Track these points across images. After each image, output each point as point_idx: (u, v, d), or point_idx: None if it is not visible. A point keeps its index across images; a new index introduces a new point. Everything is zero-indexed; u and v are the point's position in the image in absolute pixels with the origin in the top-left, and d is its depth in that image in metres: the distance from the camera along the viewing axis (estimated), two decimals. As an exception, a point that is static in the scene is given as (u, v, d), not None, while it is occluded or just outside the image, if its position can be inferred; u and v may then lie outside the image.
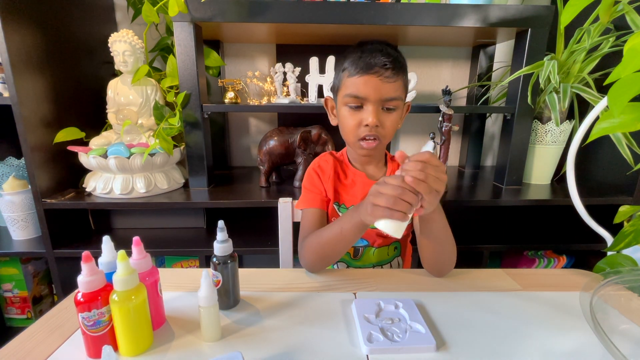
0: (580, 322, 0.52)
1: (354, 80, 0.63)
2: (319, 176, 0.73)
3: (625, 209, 0.79)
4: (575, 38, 1.02)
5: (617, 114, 0.52)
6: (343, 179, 0.74)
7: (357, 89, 0.63)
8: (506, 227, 1.19)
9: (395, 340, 0.46)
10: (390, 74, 0.62)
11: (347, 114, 0.66)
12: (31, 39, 0.92)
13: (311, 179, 0.74)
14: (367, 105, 0.64)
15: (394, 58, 0.63)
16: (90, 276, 0.41)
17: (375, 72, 0.62)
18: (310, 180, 0.74)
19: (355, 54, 0.64)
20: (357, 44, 0.67)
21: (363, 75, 0.62)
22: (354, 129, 0.66)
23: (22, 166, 1.11)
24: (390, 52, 0.64)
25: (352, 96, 0.64)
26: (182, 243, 1.06)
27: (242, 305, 0.55)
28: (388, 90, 0.63)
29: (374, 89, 0.62)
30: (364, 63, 0.62)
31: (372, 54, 0.62)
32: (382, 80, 0.62)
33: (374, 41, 0.66)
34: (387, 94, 0.63)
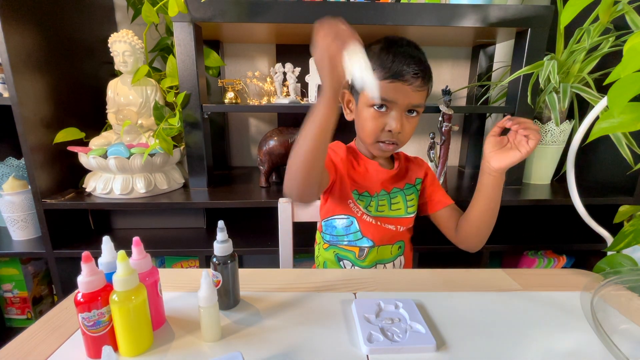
0: (580, 322, 0.52)
1: (383, 84, 0.63)
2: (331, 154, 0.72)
3: (625, 208, 0.79)
4: (575, 38, 1.02)
5: (617, 114, 0.53)
6: (357, 167, 0.75)
7: (386, 93, 0.63)
8: (506, 227, 1.19)
9: (395, 340, 0.46)
10: (421, 83, 0.63)
11: (369, 116, 0.66)
12: (31, 39, 0.92)
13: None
14: (393, 110, 0.64)
15: (425, 67, 0.64)
16: (90, 276, 0.41)
17: (406, 80, 0.62)
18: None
19: (385, 56, 0.63)
20: (386, 43, 0.66)
21: (394, 82, 0.62)
22: (374, 132, 0.66)
23: (22, 166, 1.11)
24: (422, 59, 0.64)
25: (381, 99, 0.64)
26: (182, 243, 1.06)
27: (242, 306, 0.55)
28: (416, 98, 0.64)
29: (403, 96, 0.63)
30: (397, 69, 0.62)
31: (405, 60, 0.62)
32: (412, 89, 0.62)
33: (403, 42, 0.65)
34: (414, 101, 0.64)
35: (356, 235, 0.75)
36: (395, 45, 0.65)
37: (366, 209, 0.74)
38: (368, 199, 0.73)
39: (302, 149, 0.54)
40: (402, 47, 0.64)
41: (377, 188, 0.74)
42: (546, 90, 1.06)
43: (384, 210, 0.75)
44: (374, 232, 0.74)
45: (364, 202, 0.73)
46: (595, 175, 1.17)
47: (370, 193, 0.73)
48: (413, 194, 0.77)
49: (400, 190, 0.76)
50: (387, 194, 0.75)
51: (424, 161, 0.82)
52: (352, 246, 0.75)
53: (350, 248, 0.75)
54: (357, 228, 0.74)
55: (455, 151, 1.48)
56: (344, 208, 0.73)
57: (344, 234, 0.75)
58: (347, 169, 0.73)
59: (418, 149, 1.48)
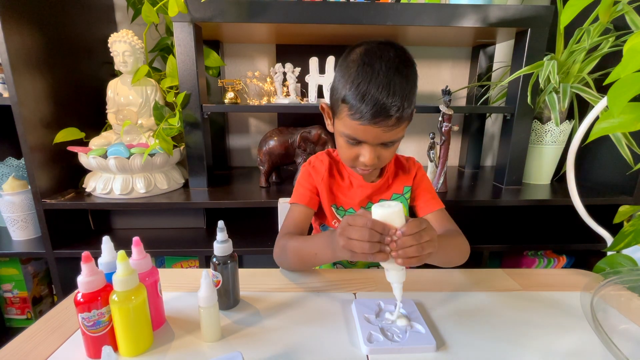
0: (580, 322, 0.52)
1: (353, 124, 0.57)
2: (311, 175, 0.72)
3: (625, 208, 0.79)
4: (575, 38, 1.02)
5: (616, 114, 0.53)
6: (339, 180, 0.72)
7: (356, 133, 0.58)
8: (506, 227, 1.19)
9: (395, 340, 0.46)
10: (394, 122, 0.55)
11: (343, 144, 0.62)
12: (31, 39, 0.92)
13: (305, 175, 0.73)
14: (366, 145, 0.59)
15: (401, 102, 0.54)
16: (90, 276, 0.41)
17: (377, 122, 0.55)
18: (304, 176, 0.73)
19: (357, 87, 0.55)
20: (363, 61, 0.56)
21: (364, 124, 0.55)
22: (349, 160, 0.63)
23: (22, 166, 1.11)
24: (398, 91, 0.54)
25: (350, 137, 0.59)
26: (182, 243, 1.06)
27: (242, 306, 0.55)
28: (389, 136, 0.58)
29: (374, 137, 0.57)
30: (367, 110, 0.54)
31: (378, 95, 0.53)
32: (384, 130, 0.56)
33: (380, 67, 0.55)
34: (388, 139, 0.58)
35: None
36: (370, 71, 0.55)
37: None
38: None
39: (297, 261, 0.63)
40: (378, 76, 0.54)
41: (363, 202, 0.71)
42: (546, 91, 1.06)
43: None
44: None
45: None
46: (595, 175, 1.17)
47: (355, 209, 0.72)
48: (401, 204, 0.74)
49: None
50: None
51: (416, 163, 0.76)
52: None
53: None
54: None
55: (455, 151, 1.48)
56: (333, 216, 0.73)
57: None
58: (330, 184, 0.71)
59: (418, 149, 1.48)
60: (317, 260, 0.58)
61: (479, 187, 1.15)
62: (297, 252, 0.62)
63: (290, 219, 0.70)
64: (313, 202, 0.70)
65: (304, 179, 0.72)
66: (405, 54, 0.59)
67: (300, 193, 0.71)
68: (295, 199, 0.71)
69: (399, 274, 0.47)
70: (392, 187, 0.73)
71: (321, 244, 0.57)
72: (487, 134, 1.46)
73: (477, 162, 1.42)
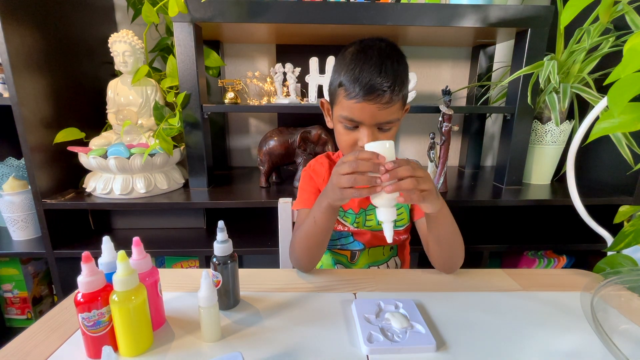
0: (580, 322, 0.52)
1: (349, 104, 0.59)
2: (312, 178, 0.73)
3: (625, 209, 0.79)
4: (575, 38, 1.02)
5: (617, 114, 0.52)
6: None
7: (352, 113, 0.60)
8: (506, 227, 1.19)
9: (395, 340, 0.46)
10: (388, 99, 0.58)
11: (342, 131, 0.64)
12: (31, 39, 0.92)
13: (306, 179, 0.74)
14: (363, 128, 0.61)
15: (393, 80, 0.58)
16: (90, 276, 0.41)
17: (371, 99, 0.57)
18: (305, 180, 0.74)
19: (352, 70, 0.59)
20: (355, 52, 0.61)
21: (359, 102, 0.58)
22: (348, 147, 0.64)
23: (22, 166, 1.11)
24: (390, 71, 0.58)
25: (347, 119, 0.61)
26: (182, 243, 1.06)
27: (242, 306, 0.55)
28: (385, 115, 0.59)
29: (369, 116, 0.59)
30: (361, 87, 0.57)
31: (371, 75, 0.57)
32: (379, 107, 0.58)
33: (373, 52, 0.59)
34: (383, 118, 0.60)
35: (347, 239, 0.75)
36: (364, 57, 0.59)
37: (353, 224, 0.74)
38: (353, 216, 0.73)
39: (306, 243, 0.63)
40: (371, 60, 0.58)
41: (363, 204, 0.73)
42: (546, 91, 1.06)
43: (371, 225, 0.75)
44: (364, 236, 0.75)
45: (349, 219, 0.73)
46: (595, 175, 1.17)
47: (354, 210, 0.73)
48: (402, 207, 0.75)
49: None
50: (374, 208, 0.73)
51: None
52: (344, 250, 0.76)
53: (342, 252, 0.76)
54: (349, 232, 0.75)
55: (455, 151, 1.48)
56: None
57: (337, 237, 0.76)
58: None
59: (418, 150, 1.48)
60: (317, 226, 0.59)
61: (479, 187, 1.15)
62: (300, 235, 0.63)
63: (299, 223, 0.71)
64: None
65: (306, 184, 0.73)
66: (396, 46, 0.63)
67: (305, 198, 0.72)
68: (301, 204, 0.72)
69: (389, 212, 0.48)
70: None
71: (315, 206, 0.59)
72: (487, 134, 1.46)
73: (477, 162, 1.42)
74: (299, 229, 0.65)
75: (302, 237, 0.63)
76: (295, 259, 0.66)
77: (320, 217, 0.58)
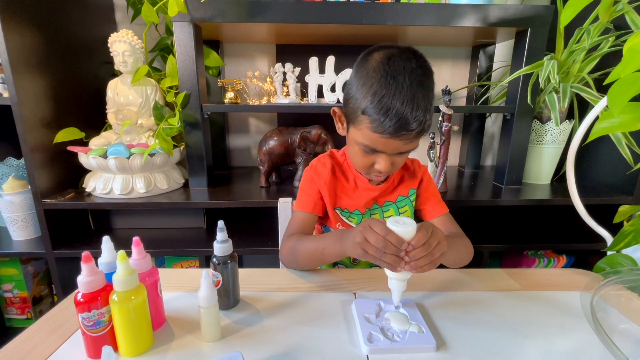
0: (580, 322, 0.52)
1: (373, 137, 0.56)
2: (314, 180, 0.71)
3: (625, 208, 0.79)
4: (575, 38, 1.02)
5: (616, 114, 0.53)
6: (344, 182, 0.72)
7: (375, 145, 0.57)
8: (506, 227, 1.19)
9: (395, 340, 0.46)
10: (416, 135, 0.56)
11: (358, 152, 0.61)
12: (31, 39, 0.92)
13: (307, 181, 0.72)
14: (382, 155, 0.60)
15: (424, 117, 0.54)
16: (90, 276, 0.41)
17: (399, 135, 0.54)
18: (306, 182, 0.72)
19: (380, 101, 0.54)
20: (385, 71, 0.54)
21: (385, 137, 0.55)
22: (363, 167, 0.64)
23: (22, 166, 1.11)
24: (422, 106, 0.54)
25: (368, 147, 0.59)
26: (182, 243, 1.06)
27: (242, 305, 0.55)
28: (409, 147, 0.58)
29: (393, 148, 0.58)
30: (390, 125, 0.53)
31: (402, 112, 0.53)
32: (405, 142, 0.56)
33: (404, 77, 0.54)
34: (406, 149, 0.59)
35: None
36: (394, 85, 0.53)
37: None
38: (359, 217, 0.72)
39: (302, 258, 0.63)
40: (402, 90, 0.53)
41: (369, 204, 0.72)
42: (546, 90, 1.06)
43: None
44: None
45: (355, 220, 0.72)
46: (595, 175, 1.17)
47: (361, 211, 0.72)
48: (406, 205, 0.73)
49: (392, 204, 0.73)
50: (379, 207, 0.73)
51: (421, 165, 0.76)
52: None
53: None
54: None
55: (455, 151, 1.48)
56: (337, 219, 0.73)
57: None
58: (334, 188, 0.71)
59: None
60: (324, 256, 0.59)
61: (479, 186, 1.15)
62: (301, 248, 0.62)
63: (294, 223, 0.70)
64: (317, 208, 0.70)
65: (306, 185, 0.72)
66: (426, 63, 0.58)
67: (303, 200, 0.71)
68: (299, 206, 0.71)
69: (401, 284, 0.50)
70: (398, 190, 0.73)
71: (330, 240, 0.58)
72: (487, 133, 1.46)
73: (477, 161, 1.42)
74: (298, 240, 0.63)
75: (302, 253, 0.62)
76: (284, 259, 0.67)
77: (330, 255, 0.58)
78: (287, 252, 0.65)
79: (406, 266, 0.47)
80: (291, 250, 0.64)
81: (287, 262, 0.67)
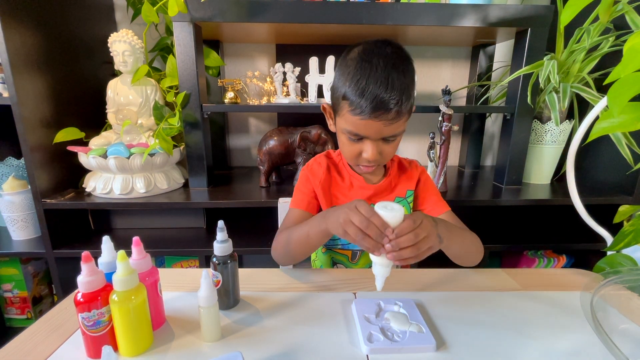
0: (580, 322, 0.52)
1: (354, 120, 0.57)
2: (309, 179, 0.72)
3: (625, 208, 0.79)
4: (575, 38, 1.02)
5: (616, 114, 0.53)
6: (339, 182, 0.72)
7: (357, 128, 0.58)
8: (506, 227, 1.19)
9: (395, 340, 0.46)
10: (395, 115, 0.56)
11: (345, 141, 0.63)
12: (31, 39, 0.92)
13: (303, 180, 0.73)
14: (368, 141, 0.60)
15: (400, 95, 0.55)
16: (90, 276, 0.41)
17: (377, 115, 0.55)
18: (302, 181, 0.73)
19: (356, 84, 0.56)
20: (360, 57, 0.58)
21: (365, 119, 0.56)
22: (351, 157, 0.64)
23: (22, 166, 1.11)
24: (397, 85, 0.55)
25: (352, 133, 0.60)
26: (182, 243, 1.06)
27: (242, 305, 0.55)
28: (391, 130, 0.58)
29: (375, 131, 0.58)
30: (366, 105, 0.55)
31: (377, 91, 0.54)
32: (385, 124, 0.57)
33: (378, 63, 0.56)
34: (389, 133, 0.59)
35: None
36: (368, 67, 0.56)
37: None
38: None
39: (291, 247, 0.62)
40: (376, 72, 0.55)
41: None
42: (546, 90, 1.06)
43: None
44: None
45: None
46: (595, 175, 1.17)
47: None
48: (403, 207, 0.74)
49: None
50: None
51: (419, 166, 0.76)
52: (345, 249, 0.75)
53: (343, 252, 0.76)
54: None
55: (455, 151, 1.48)
56: None
57: (338, 237, 0.75)
58: (329, 187, 0.71)
59: (418, 149, 1.48)
60: (309, 238, 0.58)
61: (479, 186, 1.15)
62: (289, 238, 0.62)
63: (288, 221, 0.70)
64: (311, 207, 0.71)
65: (302, 184, 0.72)
66: (402, 50, 0.60)
67: (298, 199, 0.71)
68: (294, 204, 0.71)
69: (384, 270, 0.48)
70: (395, 190, 0.72)
71: (315, 221, 0.58)
72: (487, 133, 1.46)
73: (477, 161, 1.42)
74: (288, 230, 0.64)
75: (290, 242, 0.62)
76: (276, 253, 0.67)
77: (315, 236, 0.58)
78: (280, 246, 0.65)
79: (388, 255, 0.45)
80: (284, 244, 0.64)
81: (279, 256, 0.67)
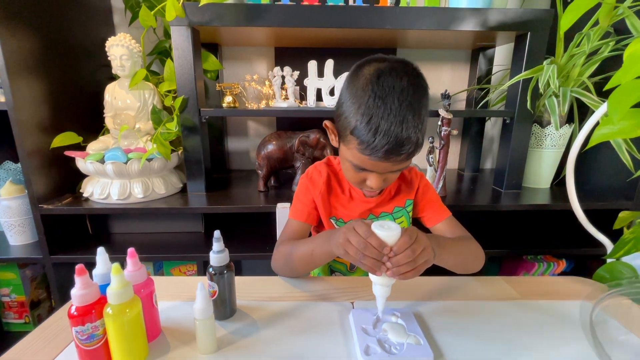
0: (579, 332, 0.51)
1: (362, 157, 0.55)
2: (309, 189, 0.70)
3: (625, 214, 0.79)
4: (575, 42, 1.01)
5: (617, 121, 0.52)
6: (339, 193, 0.71)
7: (364, 164, 0.57)
8: (505, 231, 1.19)
9: (392, 352, 0.46)
10: (405, 157, 0.54)
11: (349, 167, 0.60)
12: (28, 42, 0.92)
13: (302, 189, 0.71)
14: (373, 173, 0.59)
15: (415, 141, 0.53)
16: (84, 289, 0.40)
17: (387, 158, 0.53)
18: (302, 190, 0.71)
19: (368, 123, 0.52)
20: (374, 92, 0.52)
21: (373, 160, 0.54)
22: (355, 182, 0.63)
23: (19, 171, 1.11)
24: (412, 129, 0.52)
25: (358, 167, 0.58)
26: (180, 248, 1.06)
27: (239, 315, 0.55)
28: (399, 167, 0.58)
29: (383, 168, 0.57)
30: (379, 149, 0.52)
31: (390, 135, 0.51)
32: (394, 164, 0.55)
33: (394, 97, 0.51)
34: (396, 168, 0.58)
35: None
36: (382, 106, 0.51)
37: None
38: None
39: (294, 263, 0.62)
40: (390, 115, 0.51)
41: (364, 214, 0.70)
42: (546, 94, 1.05)
43: None
44: None
45: None
46: (594, 180, 1.16)
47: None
48: (403, 216, 0.72)
49: (388, 214, 0.72)
50: (375, 217, 0.71)
51: (418, 173, 0.74)
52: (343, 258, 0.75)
53: (341, 260, 0.75)
54: None
55: (454, 154, 1.48)
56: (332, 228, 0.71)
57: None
58: (328, 197, 0.70)
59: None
60: (314, 257, 0.59)
61: (479, 190, 1.15)
62: (292, 252, 0.62)
63: (288, 231, 0.70)
64: (311, 218, 0.70)
65: (301, 193, 0.71)
66: (419, 79, 0.56)
67: (298, 209, 0.70)
68: (294, 215, 0.70)
69: (384, 290, 0.49)
70: (394, 200, 0.71)
71: (319, 241, 0.58)
72: (486, 137, 1.45)
73: (477, 165, 1.41)
74: (291, 245, 0.63)
75: (293, 257, 0.62)
76: (277, 265, 0.66)
77: (319, 256, 0.58)
78: (281, 259, 0.65)
79: (388, 272, 0.46)
80: (286, 257, 0.64)
81: (279, 269, 0.66)
